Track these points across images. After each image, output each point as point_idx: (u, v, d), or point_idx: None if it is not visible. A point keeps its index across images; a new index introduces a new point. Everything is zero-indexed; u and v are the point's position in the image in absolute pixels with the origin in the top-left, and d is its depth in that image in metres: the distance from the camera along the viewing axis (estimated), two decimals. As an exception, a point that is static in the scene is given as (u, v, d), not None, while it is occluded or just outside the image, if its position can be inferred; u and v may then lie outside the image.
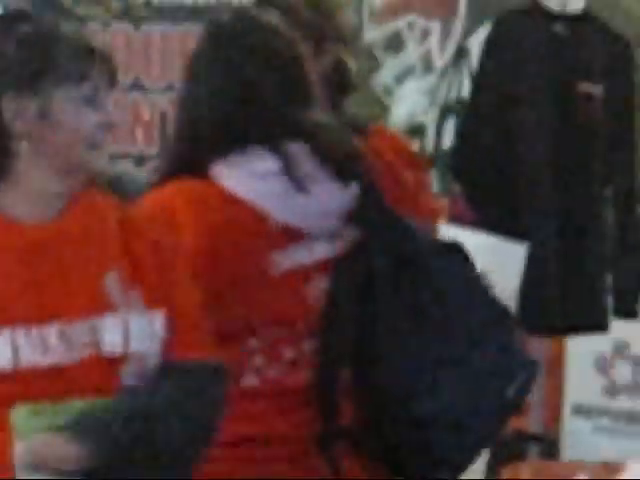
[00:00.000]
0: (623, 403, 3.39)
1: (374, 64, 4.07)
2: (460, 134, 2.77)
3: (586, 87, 2.69)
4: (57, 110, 1.43)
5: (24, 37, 1.44)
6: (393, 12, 4.00)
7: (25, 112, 1.40)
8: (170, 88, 4.14)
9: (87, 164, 1.47)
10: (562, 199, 2.59)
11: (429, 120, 3.87)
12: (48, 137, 1.44)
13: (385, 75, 4.05)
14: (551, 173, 2.58)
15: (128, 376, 1.43)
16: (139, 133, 4.14)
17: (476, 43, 3.09)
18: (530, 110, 2.57)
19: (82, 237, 1.46)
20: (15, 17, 1.49)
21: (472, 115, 2.68)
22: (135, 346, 1.43)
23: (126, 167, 3.96)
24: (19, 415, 1.37)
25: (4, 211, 1.44)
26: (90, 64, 1.44)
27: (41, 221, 1.45)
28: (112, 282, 1.45)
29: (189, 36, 4.09)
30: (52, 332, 1.40)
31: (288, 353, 1.79)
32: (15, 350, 1.38)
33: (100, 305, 1.43)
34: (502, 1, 3.38)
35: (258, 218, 1.75)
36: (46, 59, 1.43)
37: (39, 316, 1.41)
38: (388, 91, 4.11)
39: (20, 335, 1.39)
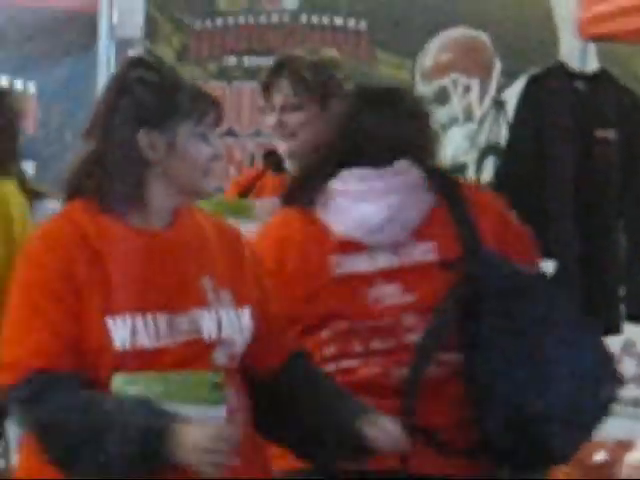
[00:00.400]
0: (630, 392, 3.58)
1: (425, 114, 4.23)
2: (500, 171, 2.88)
3: (602, 133, 2.82)
4: (181, 144, 1.55)
5: (154, 84, 1.57)
6: (440, 72, 4.14)
7: (156, 145, 1.53)
8: (257, 134, 4.37)
9: (201, 187, 1.59)
10: (584, 226, 2.67)
11: (469, 160, 4.12)
12: (173, 165, 1.55)
13: (434, 123, 3.99)
14: (575, 205, 2.66)
15: (219, 357, 1.57)
16: (232, 171, 4.26)
17: (512, 96, 3.19)
18: (557, 152, 2.66)
19: (186, 244, 1.60)
20: (141, 64, 1.64)
21: (510, 156, 2.79)
22: (226, 334, 1.57)
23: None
24: (117, 383, 1.47)
25: (128, 220, 1.56)
26: (205, 107, 1.58)
27: (156, 230, 1.57)
28: (207, 284, 1.58)
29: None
30: (162, 320, 1.51)
31: (357, 347, 1.92)
32: (133, 332, 1.49)
33: (198, 301, 1.55)
34: (529, 63, 3.49)
35: (324, 230, 1.94)
36: (173, 103, 1.56)
37: (152, 306, 1.52)
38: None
39: (138, 320, 1.50)
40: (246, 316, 1.62)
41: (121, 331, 1.48)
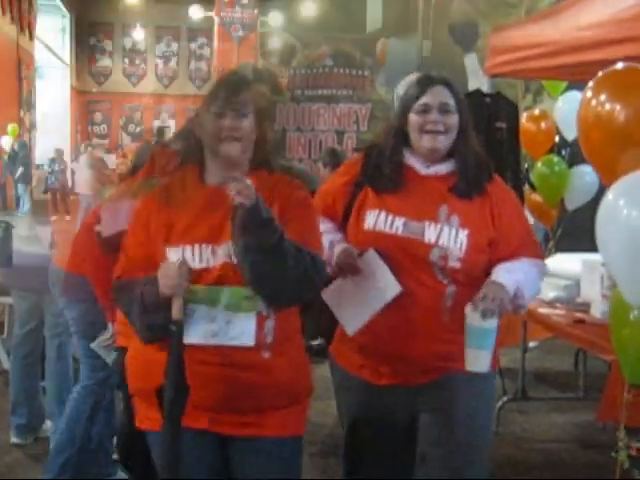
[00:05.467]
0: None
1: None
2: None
3: (499, 124, 3.54)
4: None
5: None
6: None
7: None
8: (312, 130, 6.53)
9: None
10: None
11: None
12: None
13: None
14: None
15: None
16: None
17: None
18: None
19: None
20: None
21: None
22: None
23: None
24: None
25: (207, 182, 1.64)
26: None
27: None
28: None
29: (321, 109, 6.70)
30: (209, 249, 1.59)
31: None
32: (186, 258, 1.57)
33: (222, 236, 1.58)
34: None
35: None
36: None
37: (201, 240, 1.61)
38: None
39: (193, 249, 1.59)
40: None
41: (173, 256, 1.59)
